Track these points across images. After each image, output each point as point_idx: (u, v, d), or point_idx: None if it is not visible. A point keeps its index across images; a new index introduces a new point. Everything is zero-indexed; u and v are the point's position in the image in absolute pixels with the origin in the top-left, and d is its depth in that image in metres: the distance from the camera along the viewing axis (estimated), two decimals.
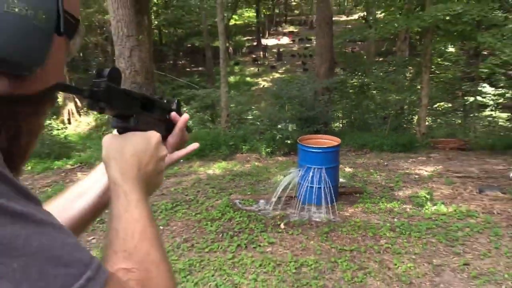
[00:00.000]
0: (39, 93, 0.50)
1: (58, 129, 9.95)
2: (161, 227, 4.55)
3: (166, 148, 0.74)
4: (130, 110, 0.66)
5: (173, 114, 0.80)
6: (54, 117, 16.45)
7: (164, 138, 0.76)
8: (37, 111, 0.52)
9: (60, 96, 17.63)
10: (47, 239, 0.38)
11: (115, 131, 0.69)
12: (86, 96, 0.58)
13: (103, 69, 0.60)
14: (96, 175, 0.77)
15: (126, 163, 0.64)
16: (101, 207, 0.76)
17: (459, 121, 13.37)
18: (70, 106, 18.26)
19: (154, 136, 0.69)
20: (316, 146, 5.06)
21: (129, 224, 0.57)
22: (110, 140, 0.67)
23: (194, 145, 0.85)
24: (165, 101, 0.78)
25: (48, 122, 11.39)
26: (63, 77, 0.55)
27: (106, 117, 16.96)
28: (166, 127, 0.79)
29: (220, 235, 4.37)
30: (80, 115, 18.88)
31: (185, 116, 0.81)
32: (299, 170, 5.11)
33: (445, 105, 14.41)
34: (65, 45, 0.54)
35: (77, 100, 19.03)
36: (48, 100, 0.53)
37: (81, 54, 26.68)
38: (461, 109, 13.54)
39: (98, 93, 0.58)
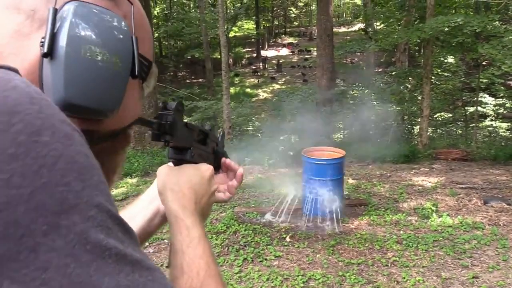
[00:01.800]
0: (112, 132, 0.50)
1: None
2: (165, 241, 4.53)
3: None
4: (188, 143, 0.69)
5: (230, 164, 0.82)
6: None
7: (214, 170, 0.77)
8: (113, 148, 0.53)
9: None
10: (158, 285, 0.39)
11: (170, 162, 0.71)
12: (154, 129, 0.60)
13: (168, 103, 0.62)
14: (143, 203, 0.78)
15: (184, 196, 0.65)
16: (147, 234, 0.76)
17: (460, 131, 13.40)
18: None
19: (207, 169, 0.71)
20: (320, 158, 5.05)
21: (194, 261, 0.58)
22: (166, 171, 0.68)
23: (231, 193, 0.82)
24: (208, 128, 0.80)
25: None
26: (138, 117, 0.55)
27: None
28: (214, 159, 0.80)
29: (226, 249, 4.34)
30: None
31: (241, 171, 0.82)
32: (304, 182, 5.10)
33: (445, 115, 14.46)
34: (138, 87, 0.54)
35: None
36: (122, 137, 0.54)
37: None
38: (462, 119, 13.58)
39: (165, 126, 0.60)
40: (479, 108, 12.27)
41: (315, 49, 13.89)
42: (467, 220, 4.81)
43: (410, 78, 13.24)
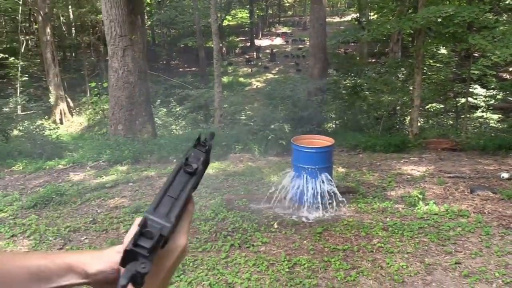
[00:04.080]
0: None
1: (50, 129, 9.79)
2: None
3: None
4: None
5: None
6: (46, 117, 16.23)
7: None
8: None
9: (52, 96, 17.40)
10: None
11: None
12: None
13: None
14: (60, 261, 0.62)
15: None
16: None
17: (451, 122, 13.47)
18: (62, 106, 17.88)
19: (185, 249, 0.63)
20: (309, 146, 5.07)
21: None
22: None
23: None
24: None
25: (39, 122, 11.25)
26: None
27: (98, 117, 16.82)
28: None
29: (214, 235, 4.37)
30: (72, 115, 18.59)
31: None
32: (293, 170, 5.12)
33: (437, 106, 14.51)
34: None
35: (69, 100, 18.83)
36: None
37: (73, 54, 26.52)
38: (453, 110, 13.64)
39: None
40: (470, 99, 12.32)
41: (309, 38, 13.84)
42: (453, 208, 4.88)
43: (402, 69, 13.26)
